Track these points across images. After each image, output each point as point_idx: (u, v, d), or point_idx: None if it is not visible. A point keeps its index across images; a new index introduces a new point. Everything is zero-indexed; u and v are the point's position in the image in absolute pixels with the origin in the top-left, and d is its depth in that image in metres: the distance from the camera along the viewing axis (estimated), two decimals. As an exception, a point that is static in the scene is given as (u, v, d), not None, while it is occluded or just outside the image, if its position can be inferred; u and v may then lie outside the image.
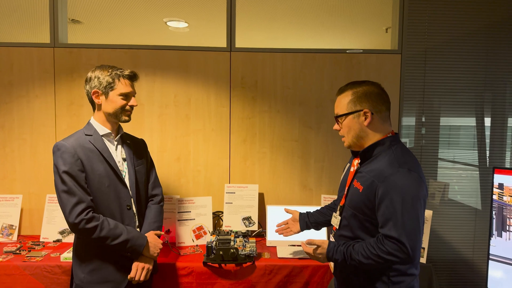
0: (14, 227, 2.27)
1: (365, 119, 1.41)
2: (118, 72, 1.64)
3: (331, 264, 1.58)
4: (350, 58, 2.46)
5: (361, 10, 3.02)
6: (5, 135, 2.38)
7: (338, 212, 1.52)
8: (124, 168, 1.71)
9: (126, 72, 1.66)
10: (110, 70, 1.63)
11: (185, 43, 2.50)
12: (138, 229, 1.71)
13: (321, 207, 1.87)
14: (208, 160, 2.48)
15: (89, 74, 1.65)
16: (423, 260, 2.02)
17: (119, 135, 1.74)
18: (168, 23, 3.31)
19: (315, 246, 1.47)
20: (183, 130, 2.46)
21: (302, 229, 1.85)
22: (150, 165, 1.89)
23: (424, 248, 2.05)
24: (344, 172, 1.64)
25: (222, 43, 2.46)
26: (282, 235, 1.91)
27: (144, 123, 2.44)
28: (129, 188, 1.69)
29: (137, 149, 1.81)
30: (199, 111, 2.46)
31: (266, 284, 1.93)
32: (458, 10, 2.52)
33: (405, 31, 2.47)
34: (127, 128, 2.41)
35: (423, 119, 2.59)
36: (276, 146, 2.49)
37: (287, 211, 1.94)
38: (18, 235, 2.30)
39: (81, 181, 1.54)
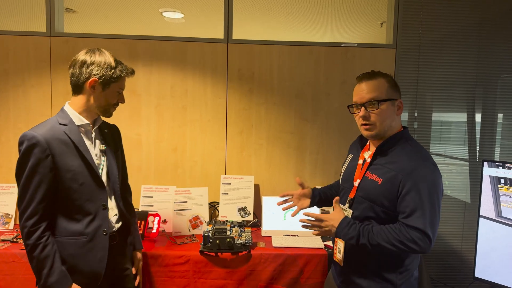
0: (10, 216, 2.28)
1: (398, 109, 1.43)
2: (124, 68, 1.52)
3: (339, 257, 1.54)
4: (345, 52, 2.49)
5: (356, 4, 3.04)
6: (0, 124, 2.38)
7: (347, 205, 1.50)
8: (101, 161, 1.57)
9: (129, 70, 1.55)
10: (115, 62, 1.50)
11: (181, 34, 2.50)
12: (119, 224, 1.62)
13: (330, 185, 1.80)
14: (204, 151, 2.50)
15: (88, 58, 1.47)
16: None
17: (97, 125, 1.59)
18: (164, 14, 3.29)
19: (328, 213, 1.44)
20: (180, 120, 2.47)
21: (312, 206, 1.73)
22: (123, 155, 1.76)
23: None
24: (346, 164, 1.63)
25: (218, 34, 2.47)
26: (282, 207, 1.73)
27: (141, 114, 2.45)
28: (107, 183, 1.56)
29: (114, 137, 1.70)
30: (195, 102, 2.47)
31: (261, 272, 1.98)
32: (452, 6, 2.56)
33: (400, 25, 2.50)
34: (125, 117, 2.43)
35: (416, 114, 2.64)
36: (272, 138, 2.52)
37: (299, 181, 1.72)
38: (15, 224, 2.31)
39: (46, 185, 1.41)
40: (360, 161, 1.52)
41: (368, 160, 1.48)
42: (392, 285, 1.41)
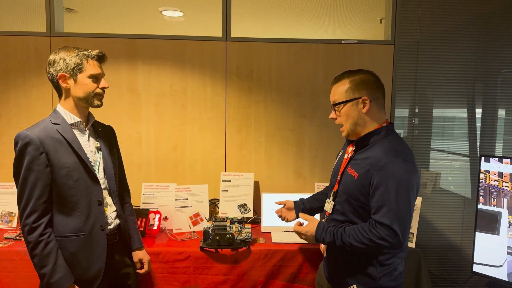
0: (13, 214, 2.31)
1: (364, 106, 1.44)
2: (86, 53, 1.51)
3: (323, 246, 1.64)
4: (344, 49, 2.50)
5: (356, 0, 3.04)
6: (2, 124, 2.40)
7: (331, 198, 1.56)
8: (97, 158, 1.58)
9: (95, 53, 1.53)
10: (76, 51, 1.50)
11: (180, 32, 2.51)
12: (117, 221, 1.64)
13: (314, 194, 1.90)
14: (204, 149, 2.52)
15: (53, 57, 1.50)
16: (412, 245, 2.10)
17: (91, 123, 1.61)
18: (163, 12, 3.30)
19: (306, 222, 1.52)
20: (179, 119, 2.49)
21: (298, 217, 1.84)
22: (119, 154, 1.78)
23: (413, 234, 2.12)
24: (337, 159, 1.68)
25: (217, 32, 2.48)
26: (280, 218, 1.91)
27: (141, 112, 2.47)
28: (102, 179, 1.58)
29: (109, 136, 1.72)
30: (195, 101, 2.49)
31: (261, 268, 2.00)
32: (450, 1, 2.55)
33: (398, 22, 2.51)
34: (125, 116, 2.45)
35: (416, 110, 2.64)
36: (271, 135, 2.53)
37: (279, 203, 1.93)
38: (17, 222, 2.33)
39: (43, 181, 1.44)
40: (346, 156, 1.57)
41: (351, 155, 1.53)
42: (371, 278, 1.44)
